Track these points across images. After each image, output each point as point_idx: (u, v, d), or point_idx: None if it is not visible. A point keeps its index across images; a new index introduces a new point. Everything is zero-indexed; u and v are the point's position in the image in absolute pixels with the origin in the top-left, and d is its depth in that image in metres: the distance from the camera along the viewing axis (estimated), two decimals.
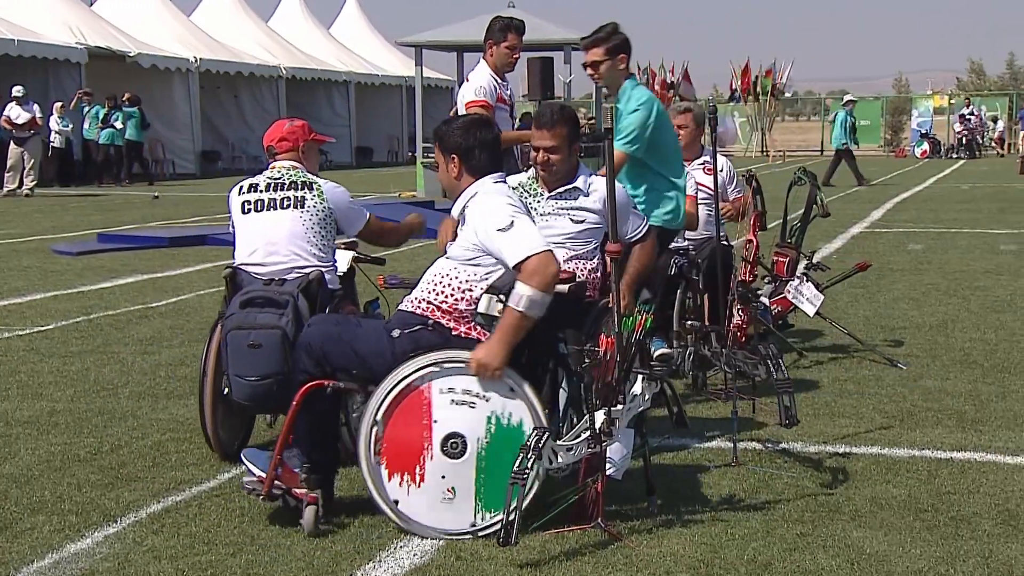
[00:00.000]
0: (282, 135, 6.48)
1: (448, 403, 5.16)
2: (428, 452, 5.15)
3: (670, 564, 4.80)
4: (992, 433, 6.69)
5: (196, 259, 14.91)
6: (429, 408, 5.15)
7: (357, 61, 47.55)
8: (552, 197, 6.37)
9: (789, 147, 53.86)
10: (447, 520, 5.13)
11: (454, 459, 5.14)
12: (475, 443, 5.14)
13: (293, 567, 4.81)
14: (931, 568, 4.74)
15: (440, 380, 5.18)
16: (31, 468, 6.11)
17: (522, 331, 5.15)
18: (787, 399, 5.78)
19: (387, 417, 5.18)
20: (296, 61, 43.42)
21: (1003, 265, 13.92)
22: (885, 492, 5.66)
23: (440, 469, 5.14)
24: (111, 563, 4.84)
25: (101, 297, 11.78)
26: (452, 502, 5.12)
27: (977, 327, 9.88)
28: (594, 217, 6.35)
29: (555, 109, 6.37)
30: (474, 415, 5.16)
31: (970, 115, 47.91)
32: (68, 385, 7.92)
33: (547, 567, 4.78)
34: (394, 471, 5.17)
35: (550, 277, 5.14)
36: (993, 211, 21.76)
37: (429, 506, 5.13)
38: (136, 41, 36.13)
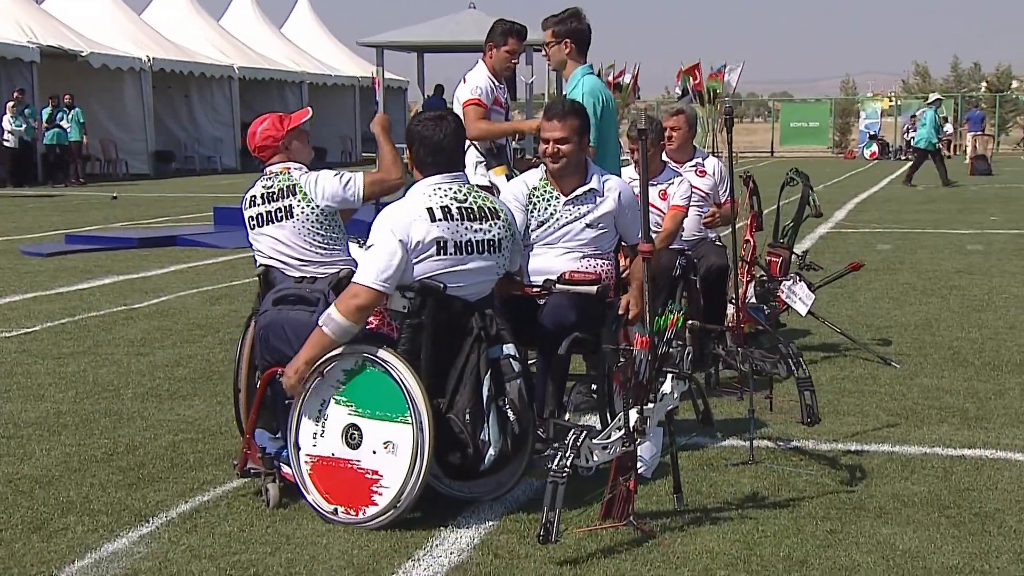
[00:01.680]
0: (258, 143, 6.34)
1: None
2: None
3: (707, 561, 4.84)
4: (998, 430, 6.77)
5: (169, 260, 14.80)
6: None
7: (310, 61, 47.33)
8: (569, 202, 6.36)
9: (738, 148, 54.02)
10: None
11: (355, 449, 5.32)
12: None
13: (334, 565, 4.81)
14: (966, 564, 4.80)
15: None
16: (50, 469, 6.07)
17: (319, 347, 5.32)
18: (809, 397, 5.83)
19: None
20: (249, 61, 43.16)
21: (974, 265, 14.09)
22: (905, 489, 5.73)
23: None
24: (152, 562, 4.83)
25: (81, 298, 11.68)
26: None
27: (961, 326, 10.00)
28: (611, 220, 6.37)
29: (566, 102, 6.42)
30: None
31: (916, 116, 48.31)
32: (68, 387, 7.86)
33: (585, 564, 4.80)
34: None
35: (351, 306, 5.29)
36: (953, 211, 22.01)
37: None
38: (88, 40, 35.81)
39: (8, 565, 4.81)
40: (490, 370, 5.36)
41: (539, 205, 6.38)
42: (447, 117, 5.71)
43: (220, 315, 10.70)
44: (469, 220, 5.47)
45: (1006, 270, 13.58)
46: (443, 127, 5.59)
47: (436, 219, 5.41)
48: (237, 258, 14.97)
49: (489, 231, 5.52)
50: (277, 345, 5.67)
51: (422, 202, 5.47)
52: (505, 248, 5.59)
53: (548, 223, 6.36)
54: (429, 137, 5.57)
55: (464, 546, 5.03)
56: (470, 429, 5.30)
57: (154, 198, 27.15)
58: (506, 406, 5.36)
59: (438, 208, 5.43)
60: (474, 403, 5.31)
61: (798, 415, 5.98)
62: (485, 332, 5.40)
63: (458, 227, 5.44)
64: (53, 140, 32.35)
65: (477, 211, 5.53)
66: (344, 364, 5.37)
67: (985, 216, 20.85)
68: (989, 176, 33.96)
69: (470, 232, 5.46)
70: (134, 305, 11.23)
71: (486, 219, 5.53)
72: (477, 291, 5.52)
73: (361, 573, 4.74)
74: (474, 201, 5.55)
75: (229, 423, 6.88)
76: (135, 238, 16.58)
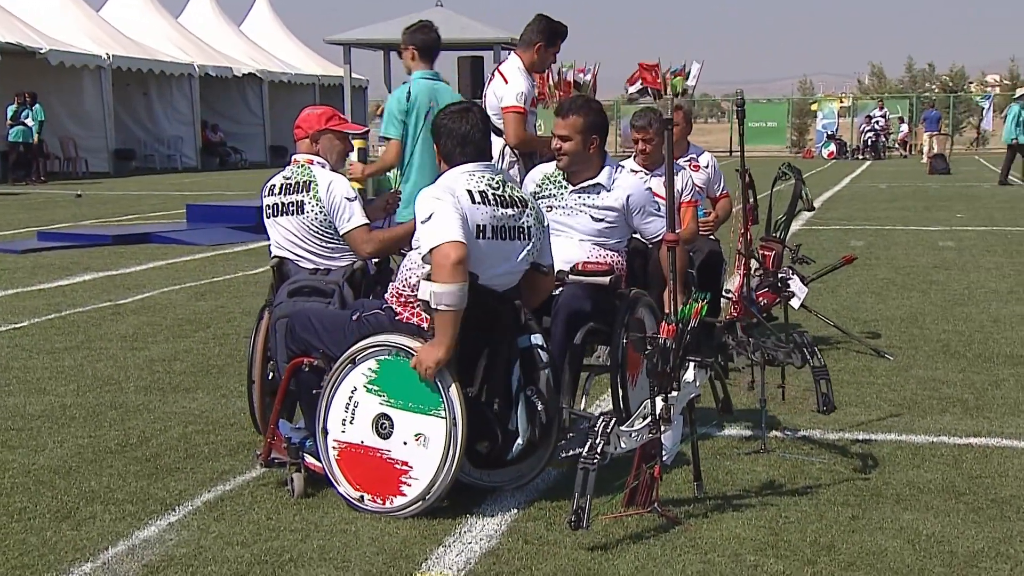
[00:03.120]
0: (297, 122, 6.43)
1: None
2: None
3: (736, 546, 4.89)
4: (1000, 420, 6.87)
5: (145, 257, 14.73)
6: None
7: (269, 59, 47.16)
8: (575, 191, 6.45)
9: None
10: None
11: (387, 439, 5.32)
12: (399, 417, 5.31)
13: (366, 552, 4.83)
14: (991, 548, 4.87)
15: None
16: (66, 460, 6.06)
17: (450, 324, 5.14)
18: (824, 385, 5.89)
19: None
20: (209, 59, 42.99)
21: (948, 261, 14.24)
22: (919, 477, 5.80)
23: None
24: (186, 549, 4.84)
25: (64, 295, 11.61)
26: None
27: (946, 319, 10.12)
28: (614, 215, 6.42)
29: (576, 100, 6.48)
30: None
31: (881, 116, 48.74)
32: (68, 380, 7.83)
33: (616, 550, 4.84)
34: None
35: (448, 268, 5.11)
36: (919, 209, 22.23)
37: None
38: (46, 37, 35.55)
39: (43, 552, 4.81)
40: (519, 359, 5.38)
41: (549, 190, 6.48)
42: (472, 109, 5.72)
43: (208, 311, 10.67)
44: (503, 207, 5.47)
45: (981, 266, 13.73)
46: (469, 119, 5.60)
47: (476, 202, 5.39)
48: (215, 255, 14.95)
49: (520, 218, 5.53)
50: (304, 336, 5.64)
51: (463, 183, 5.43)
52: (535, 236, 5.60)
53: (555, 210, 6.43)
54: (456, 129, 5.57)
55: (492, 532, 5.06)
56: (499, 418, 5.32)
57: (118, 196, 26.98)
58: (535, 396, 5.38)
59: (477, 192, 5.42)
60: (504, 392, 5.34)
61: (811, 404, 6.04)
62: (516, 321, 5.42)
63: (495, 212, 5.42)
64: (19, 138, 32.09)
65: (509, 199, 5.54)
66: (378, 354, 5.37)
67: (951, 214, 21.06)
68: (948, 175, 34.24)
69: (505, 218, 5.46)
70: (119, 301, 11.18)
71: (517, 206, 5.54)
72: (509, 280, 5.53)
73: (393, 559, 4.76)
74: (506, 189, 5.57)
75: (237, 415, 6.90)
76: (109, 235, 16.48)
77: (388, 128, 8.26)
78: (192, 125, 42.01)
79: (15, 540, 4.94)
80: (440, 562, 4.75)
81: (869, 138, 48.24)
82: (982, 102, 58.83)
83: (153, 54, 40.12)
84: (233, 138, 44.57)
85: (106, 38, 38.67)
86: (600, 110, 6.50)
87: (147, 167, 39.95)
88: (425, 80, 8.29)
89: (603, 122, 6.47)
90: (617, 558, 4.77)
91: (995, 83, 68.82)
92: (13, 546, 4.87)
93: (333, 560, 4.74)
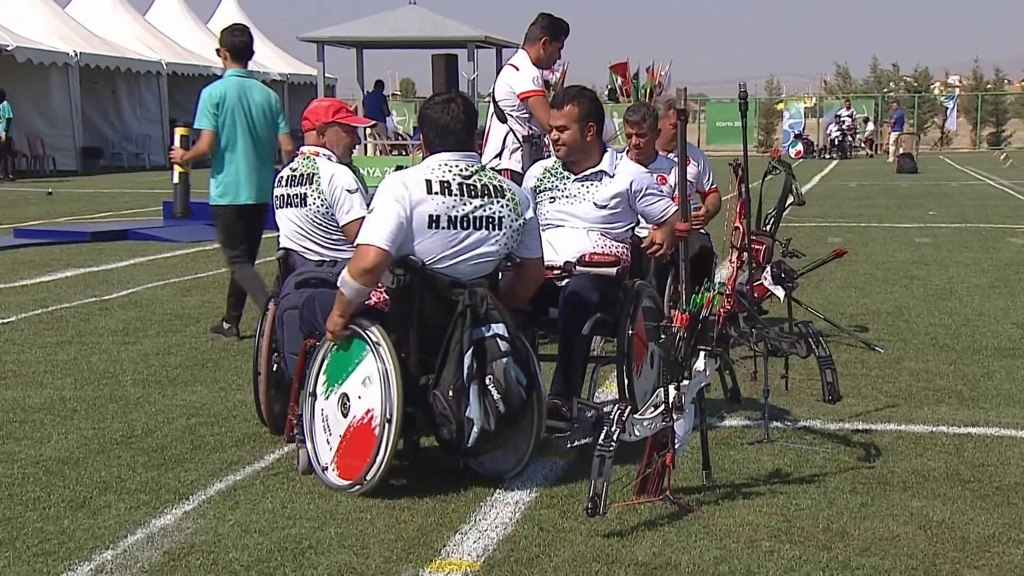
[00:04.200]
0: (305, 113, 6.52)
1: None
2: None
3: (750, 533, 4.94)
4: (996, 411, 6.95)
5: (126, 254, 14.67)
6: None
7: None
8: (578, 180, 6.48)
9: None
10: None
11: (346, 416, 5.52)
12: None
13: (384, 539, 4.85)
14: (1003, 533, 4.94)
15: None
16: (72, 451, 6.06)
17: (344, 305, 5.45)
18: (830, 375, 5.95)
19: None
20: (177, 56, 42.77)
21: (926, 256, 14.37)
22: (923, 465, 5.86)
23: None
24: (205, 537, 4.86)
25: (48, 291, 11.57)
26: None
27: (931, 313, 10.21)
28: (618, 200, 6.46)
29: (571, 90, 6.50)
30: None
31: (848, 116, 49.03)
32: (64, 374, 7.82)
33: (631, 537, 4.88)
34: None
35: (359, 268, 5.38)
36: (892, 207, 22.40)
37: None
38: (12, 34, 35.29)
39: (62, 539, 4.82)
40: (472, 348, 5.39)
41: (551, 182, 6.51)
42: (456, 100, 5.75)
43: (196, 306, 10.67)
44: (470, 196, 5.54)
45: (959, 261, 13.86)
46: (450, 110, 5.66)
47: (432, 192, 5.48)
48: (195, 251, 14.92)
49: (490, 207, 5.58)
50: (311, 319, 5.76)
51: (423, 173, 5.56)
52: (507, 226, 5.62)
53: (558, 200, 6.47)
54: (436, 119, 5.65)
55: (507, 520, 5.09)
56: (453, 406, 5.35)
57: (90, 194, 26.83)
58: (491, 384, 5.40)
59: (437, 182, 5.51)
60: (457, 380, 5.36)
61: (816, 394, 6.09)
62: (472, 310, 5.43)
63: (455, 202, 5.50)
64: None
65: (480, 188, 5.58)
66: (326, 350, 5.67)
67: (924, 211, 21.23)
68: (915, 174, 34.48)
69: (468, 207, 5.52)
70: (105, 297, 11.15)
71: (489, 196, 5.59)
72: (473, 268, 5.59)
73: (412, 547, 4.78)
74: (479, 179, 5.62)
75: (238, 407, 6.91)
76: (87, 232, 16.40)
77: (201, 120, 8.94)
78: (160, 123, 41.76)
79: (33, 529, 4.94)
80: (458, 549, 4.77)
81: (836, 138, 48.51)
82: (946, 102, 59.26)
83: (121, 52, 39.90)
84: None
85: (73, 36, 38.42)
86: (594, 98, 6.56)
87: (115, 165, 39.73)
88: (236, 78, 9.04)
89: (599, 109, 6.51)
90: (634, 544, 4.80)
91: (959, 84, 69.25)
92: (32, 534, 4.88)
93: (352, 547, 4.76)
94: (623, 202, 6.49)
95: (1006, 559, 4.68)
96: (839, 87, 64.77)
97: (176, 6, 48.10)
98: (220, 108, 8.87)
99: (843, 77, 65.65)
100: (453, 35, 25.32)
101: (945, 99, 59.97)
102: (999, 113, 59.28)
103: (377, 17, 25.72)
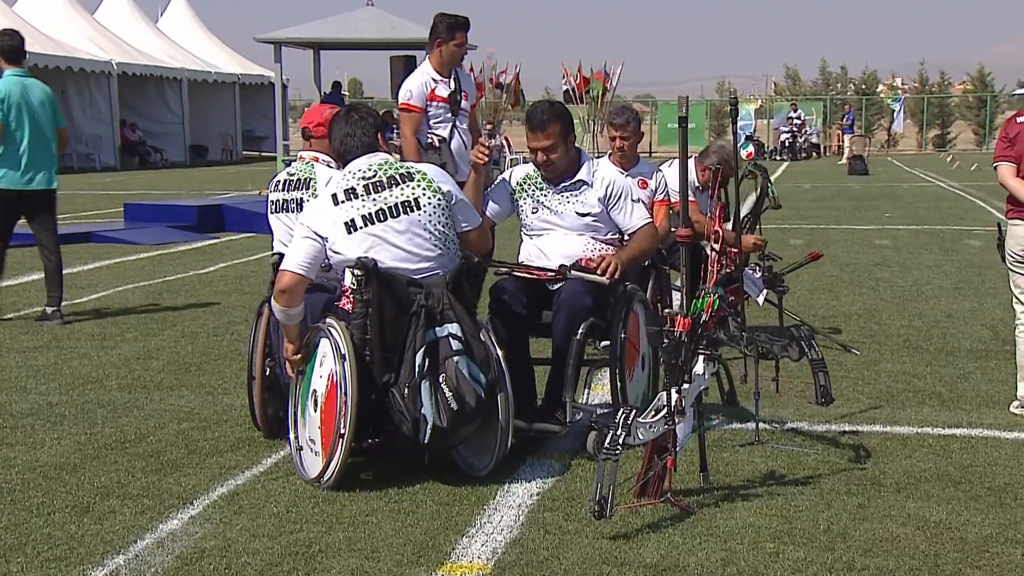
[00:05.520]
0: (319, 120, 6.58)
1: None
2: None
3: (753, 535, 5.00)
4: (978, 412, 7.06)
5: (90, 256, 14.61)
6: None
7: (188, 57, 46.71)
8: (558, 191, 6.51)
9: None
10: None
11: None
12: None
13: (392, 543, 4.89)
14: (1000, 534, 5.03)
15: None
16: (67, 457, 6.06)
17: (287, 331, 5.81)
18: (823, 377, 6.02)
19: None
20: (127, 56, 42.45)
21: (888, 259, 14.54)
22: (913, 466, 5.96)
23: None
24: (215, 542, 4.88)
25: (16, 294, 11.51)
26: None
27: (900, 315, 10.35)
28: (600, 207, 6.50)
29: (543, 108, 6.50)
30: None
31: (796, 118, 49.37)
32: (47, 379, 7.80)
33: (637, 539, 4.93)
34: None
35: (277, 289, 5.74)
36: (848, 208, 22.63)
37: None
38: None
39: (71, 545, 4.83)
40: (425, 347, 5.51)
41: (531, 192, 6.53)
42: (357, 109, 6.11)
43: (169, 310, 10.64)
44: (376, 192, 5.77)
45: (921, 263, 14.04)
46: (350, 120, 5.99)
47: (339, 202, 5.76)
48: (160, 254, 14.88)
49: (402, 194, 5.78)
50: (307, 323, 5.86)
51: (329, 190, 5.86)
52: (426, 203, 5.79)
53: (539, 211, 6.50)
54: (337, 131, 6.00)
55: (511, 523, 5.13)
56: (409, 403, 5.46)
57: None
58: (443, 382, 5.49)
59: (341, 192, 5.79)
60: (410, 378, 5.48)
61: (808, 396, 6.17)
62: (427, 310, 5.57)
63: (363, 203, 5.74)
64: None
65: (387, 180, 5.81)
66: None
67: (880, 213, 21.47)
68: (867, 175, 34.79)
69: (379, 202, 5.74)
70: (75, 300, 11.11)
71: (396, 184, 5.80)
72: (414, 254, 5.73)
73: (421, 549, 4.82)
74: (384, 173, 5.85)
75: (228, 412, 6.93)
76: None
77: None
78: (111, 124, 41.51)
79: (40, 534, 4.94)
80: (467, 552, 4.81)
81: (787, 139, 48.86)
82: (893, 104, 59.82)
83: (70, 51, 39.57)
84: (152, 137, 44.07)
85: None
86: (565, 108, 6.65)
87: (65, 166, 39.06)
88: (14, 77, 9.94)
89: (572, 119, 6.62)
90: (641, 547, 4.86)
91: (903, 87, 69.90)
92: (40, 540, 4.88)
93: (362, 551, 4.79)
94: (604, 209, 6.54)
95: (1006, 559, 4.77)
96: (788, 89, 65.21)
97: (125, 5, 47.71)
98: (4, 104, 9.80)
99: (792, 79, 66.12)
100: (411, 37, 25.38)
101: (892, 101, 60.52)
102: (944, 115, 59.92)
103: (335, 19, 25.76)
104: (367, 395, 5.48)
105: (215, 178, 34.21)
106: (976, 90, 61.06)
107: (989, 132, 57.82)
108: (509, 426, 5.69)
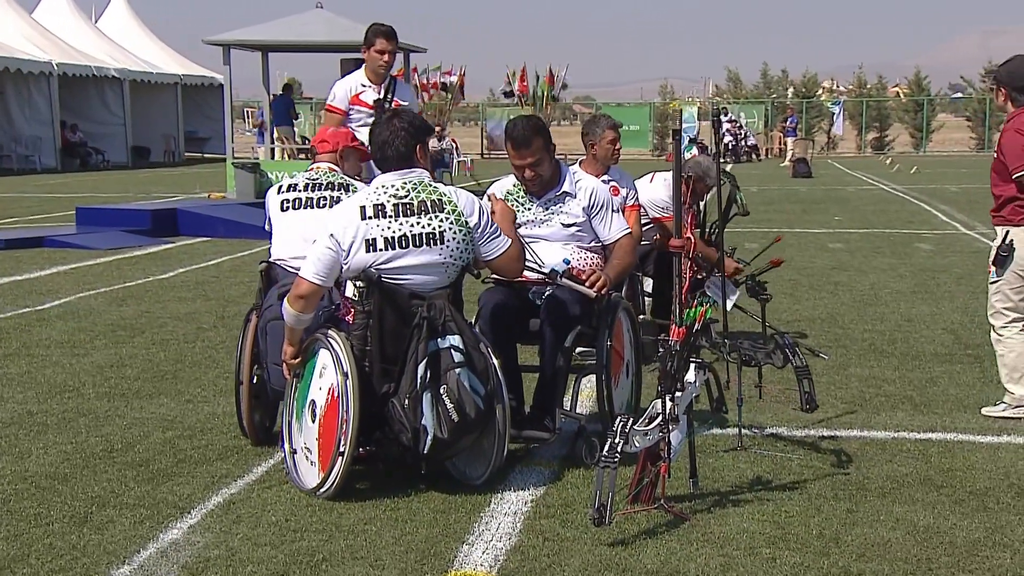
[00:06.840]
0: (324, 137, 6.97)
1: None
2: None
3: (748, 540, 5.08)
4: (950, 416, 7.19)
5: (45, 262, 14.52)
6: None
7: (129, 58, 46.29)
8: (541, 204, 6.57)
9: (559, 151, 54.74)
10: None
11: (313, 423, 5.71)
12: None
13: (394, 550, 4.93)
14: (987, 538, 5.14)
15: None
16: (56, 467, 6.05)
17: (291, 333, 5.78)
18: (807, 384, 6.12)
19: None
20: (67, 57, 42.01)
21: (844, 262, 14.73)
22: (894, 471, 6.07)
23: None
24: (218, 551, 4.90)
25: None
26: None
27: (863, 319, 10.51)
28: (584, 218, 6.57)
29: (523, 124, 6.53)
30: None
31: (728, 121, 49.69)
32: (22, 387, 7.77)
33: (635, 545, 5.00)
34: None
35: (293, 295, 5.73)
36: (797, 211, 22.87)
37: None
38: None
39: (74, 555, 4.84)
40: (427, 359, 5.55)
41: (515, 206, 6.58)
42: (400, 115, 6.02)
43: (135, 316, 10.60)
44: (405, 216, 5.71)
45: (876, 267, 14.24)
46: (390, 126, 5.88)
47: (366, 217, 5.68)
48: (117, 259, 14.79)
49: (429, 224, 5.73)
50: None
51: (358, 200, 5.80)
52: (450, 239, 5.77)
53: (524, 225, 6.56)
54: (376, 136, 5.91)
55: (510, 531, 5.19)
56: (409, 414, 5.50)
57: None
58: (444, 394, 5.54)
59: (371, 206, 5.72)
60: (412, 390, 5.52)
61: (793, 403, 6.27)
62: (429, 322, 5.59)
63: (390, 224, 5.69)
64: None
65: (417, 206, 5.74)
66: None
67: (829, 216, 21.72)
68: (810, 178, 35.12)
69: (405, 227, 5.70)
70: (38, 307, 11.06)
71: (427, 213, 5.74)
72: (422, 281, 5.73)
73: (424, 557, 4.87)
74: (416, 196, 5.78)
75: (211, 420, 6.94)
76: (1, 239, 16.11)
77: None
78: (51, 125, 41.09)
79: (42, 545, 4.94)
80: (469, 560, 4.86)
81: (729, 142, 49.18)
82: (833, 107, 60.39)
83: (8, 51, 39.12)
84: (94, 138, 43.64)
85: None
86: (540, 119, 6.77)
87: (4, 168, 38.93)
88: None
89: (548, 128, 6.70)
90: (640, 553, 4.92)
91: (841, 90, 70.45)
92: (42, 551, 4.88)
93: (366, 559, 4.83)
94: (588, 219, 6.61)
95: (996, 563, 4.87)
96: (729, 91, 65.62)
97: (64, 5, 47.22)
98: None
99: (734, 82, 66.53)
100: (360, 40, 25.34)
101: (832, 104, 61.09)
102: (882, 118, 60.55)
103: (283, 21, 25.64)
104: (367, 408, 5.51)
105: (159, 180, 34.00)
106: (913, 94, 61.75)
107: (926, 135, 58.53)
108: (506, 435, 5.74)
